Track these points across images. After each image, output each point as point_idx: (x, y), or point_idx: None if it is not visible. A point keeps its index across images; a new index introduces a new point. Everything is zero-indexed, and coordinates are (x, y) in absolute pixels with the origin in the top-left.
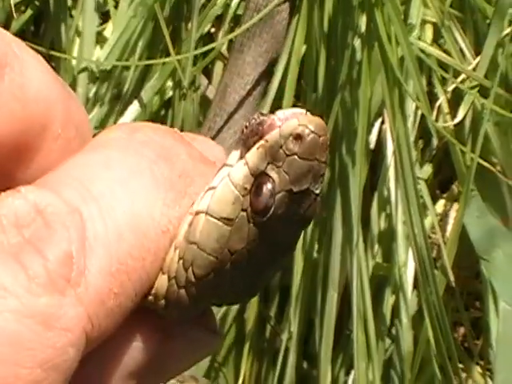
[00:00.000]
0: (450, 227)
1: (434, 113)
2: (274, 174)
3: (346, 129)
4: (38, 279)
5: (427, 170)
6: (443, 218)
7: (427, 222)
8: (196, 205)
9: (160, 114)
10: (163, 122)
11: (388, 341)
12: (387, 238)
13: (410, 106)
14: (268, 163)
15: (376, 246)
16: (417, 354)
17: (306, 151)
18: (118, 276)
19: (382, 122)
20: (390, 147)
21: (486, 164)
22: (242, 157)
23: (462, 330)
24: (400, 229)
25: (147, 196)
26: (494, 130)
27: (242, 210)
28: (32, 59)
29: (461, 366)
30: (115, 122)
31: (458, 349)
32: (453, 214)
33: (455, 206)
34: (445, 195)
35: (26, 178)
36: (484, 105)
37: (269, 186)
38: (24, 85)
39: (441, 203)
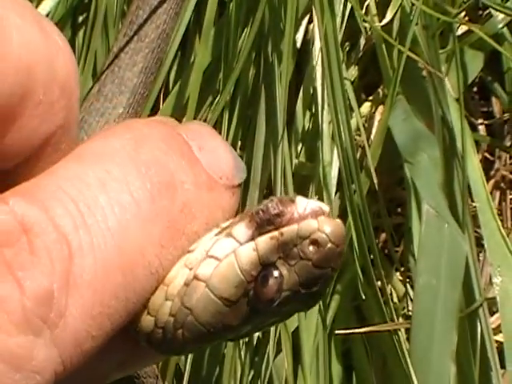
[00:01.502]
0: (374, 130)
1: (363, 12)
2: (284, 270)
3: (273, 26)
4: (12, 316)
5: (353, 72)
6: (368, 120)
7: (352, 123)
8: (194, 264)
9: (84, 2)
10: (85, 12)
11: None
12: (312, 138)
13: (339, 4)
14: (279, 257)
15: (300, 146)
16: None
17: (321, 260)
18: (100, 319)
19: (310, 21)
20: (317, 46)
21: (414, 57)
22: (252, 238)
23: (382, 236)
24: (325, 128)
25: (143, 233)
26: (421, 34)
27: (244, 293)
28: (13, 13)
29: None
30: None
31: (379, 254)
32: (378, 117)
33: (380, 108)
34: (370, 98)
35: (4, 148)
36: (413, 7)
37: (277, 280)
38: (3, 51)
39: (366, 105)
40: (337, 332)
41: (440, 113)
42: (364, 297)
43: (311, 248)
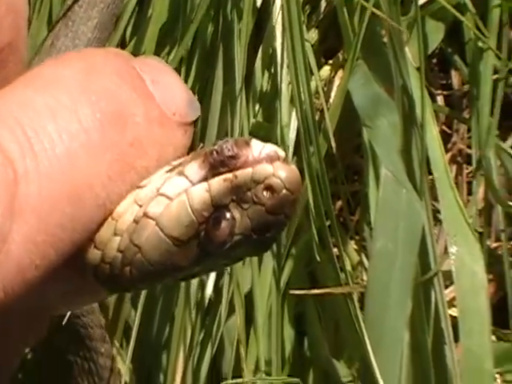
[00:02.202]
0: (333, 94)
1: None
2: (236, 214)
3: None
4: None
5: (313, 36)
6: (327, 84)
7: (311, 87)
8: (144, 202)
9: None
10: None
11: None
12: (270, 98)
13: None
14: (232, 199)
15: (258, 106)
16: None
17: (275, 207)
18: (44, 247)
19: None
20: (277, 5)
21: (377, 13)
22: (205, 179)
23: (338, 204)
24: (284, 89)
25: (91, 163)
26: (384, 0)
27: (195, 234)
28: None
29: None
30: None
31: (335, 221)
32: (337, 82)
33: (340, 73)
34: (330, 62)
35: None
36: None
37: (229, 223)
38: None
39: (325, 69)
40: (291, 292)
41: (400, 80)
42: (319, 259)
43: (265, 193)
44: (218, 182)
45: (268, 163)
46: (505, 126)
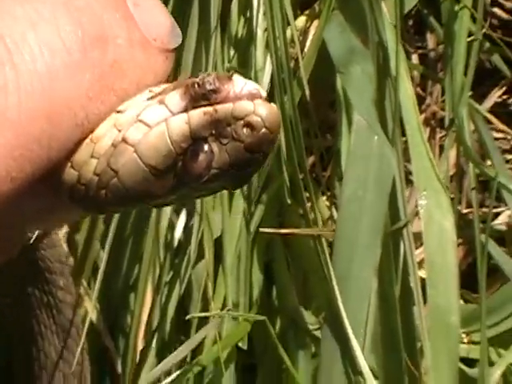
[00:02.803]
0: (309, 43)
1: None
2: (215, 148)
3: None
4: None
5: None
6: (303, 34)
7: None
8: (124, 127)
9: None
10: None
11: None
12: (245, 44)
13: None
14: (211, 133)
15: (233, 51)
16: (265, 164)
17: (253, 144)
18: (20, 161)
19: None
20: None
21: None
22: (185, 110)
23: (310, 159)
24: (259, 35)
25: (71, 82)
26: None
27: (172, 164)
28: None
29: (307, 194)
30: None
31: (307, 174)
32: (313, 32)
33: (316, 23)
34: (306, 12)
35: None
36: None
37: (207, 157)
38: None
39: (301, 19)
40: (260, 230)
41: (375, 32)
42: (289, 202)
43: (245, 130)
44: (198, 115)
45: (249, 100)
46: (479, 92)
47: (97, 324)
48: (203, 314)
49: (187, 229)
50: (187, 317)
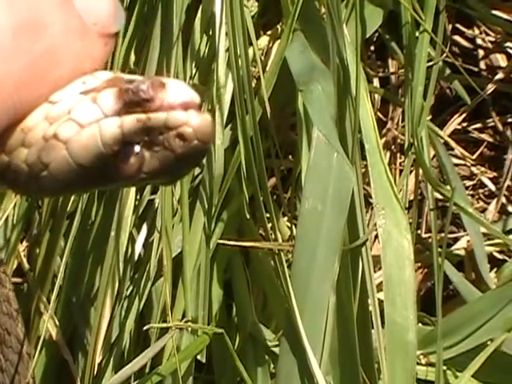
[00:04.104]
0: (270, 62)
1: None
2: (146, 153)
3: None
4: None
5: (252, 8)
6: (265, 54)
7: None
8: (55, 121)
9: None
10: None
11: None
12: (207, 61)
13: None
14: (143, 139)
15: (195, 69)
16: (225, 182)
17: (185, 155)
18: None
19: None
20: None
21: None
22: (118, 113)
23: (272, 181)
24: (222, 53)
25: (1, 65)
26: None
27: (103, 164)
28: None
29: (267, 215)
30: None
31: (268, 194)
32: (275, 51)
33: (278, 43)
34: (269, 33)
35: None
36: None
37: (138, 161)
38: None
39: (264, 39)
40: (219, 241)
41: (336, 53)
42: (248, 216)
43: (177, 141)
44: (132, 121)
45: (182, 110)
46: (440, 120)
47: (55, 337)
48: (162, 325)
49: (147, 243)
50: (145, 327)
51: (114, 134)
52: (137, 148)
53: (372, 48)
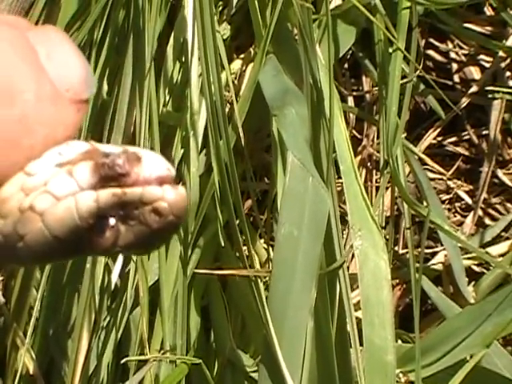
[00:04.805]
0: (244, 87)
1: None
2: (121, 227)
3: None
4: None
5: (225, 31)
6: (238, 78)
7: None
8: (31, 193)
9: None
10: None
11: None
12: (180, 88)
13: None
14: (119, 213)
15: (168, 95)
16: (201, 208)
17: (160, 230)
18: None
19: None
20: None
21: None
22: (94, 187)
23: (248, 203)
24: (194, 79)
25: None
26: None
27: (78, 237)
28: None
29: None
30: None
31: (244, 217)
32: (248, 75)
33: (251, 67)
34: (242, 56)
35: None
36: None
37: (113, 234)
38: None
39: (237, 63)
40: (195, 271)
41: (310, 75)
42: (223, 244)
43: (152, 216)
44: (107, 196)
45: (158, 185)
46: (414, 134)
47: (32, 371)
48: (140, 358)
49: (123, 273)
50: (123, 360)
51: (90, 208)
52: (112, 221)
53: (346, 66)
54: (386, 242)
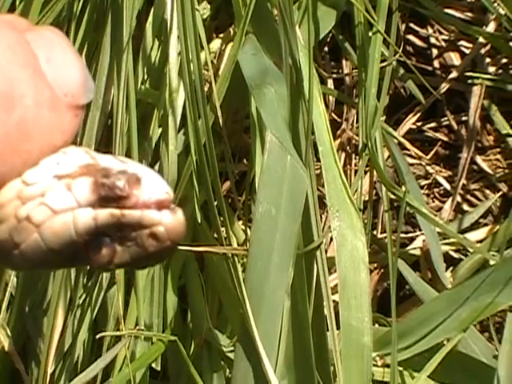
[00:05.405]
0: (223, 66)
1: None
2: (118, 247)
3: None
4: None
5: (205, 11)
6: (217, 57)
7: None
8: (29, 203)
9: None
10: None
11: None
12: (159, 66)
13: None
14: (116, 233)
15: (146, 73)
16: (179, 187)
17: (156, 254)
18: None
19: None
20: None
21: None
22: (92, 205)
23: (227, 184)
24: (173, 58)
25: None
26: None
27: (74, 251)
28: None
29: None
30: None
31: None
32: (227, 55)
33: (230, 46)
34: (221, 35)
35: None
36: None
37: (109, 253)
38: None
39: (216, 42)
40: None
41: (289, 55)
42: (201, 223)
43: (149, 240)
44: (106, 216)
45: (156, 209)
46: (394, 119)
47: (8, 348)
48: (115, 334)
49: None
50: (98, 335)
51: (88, 225)
52: (109, 243)
53: (326, 49)
54: (364, 226)
